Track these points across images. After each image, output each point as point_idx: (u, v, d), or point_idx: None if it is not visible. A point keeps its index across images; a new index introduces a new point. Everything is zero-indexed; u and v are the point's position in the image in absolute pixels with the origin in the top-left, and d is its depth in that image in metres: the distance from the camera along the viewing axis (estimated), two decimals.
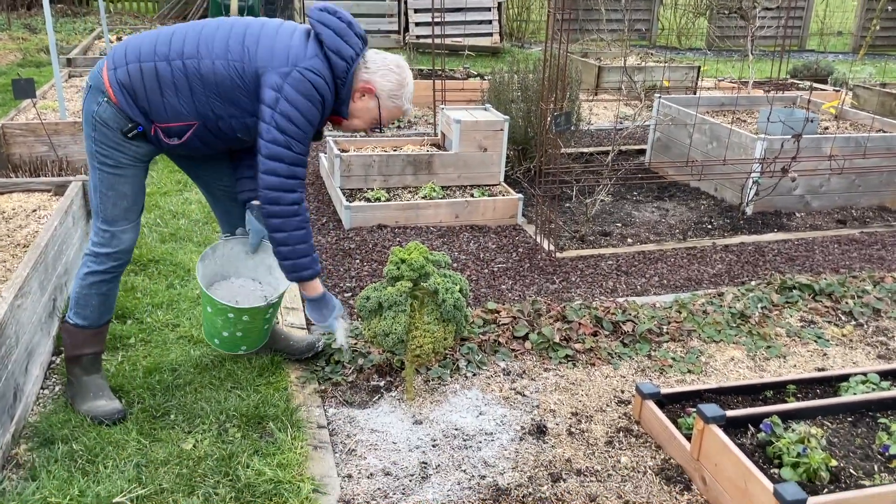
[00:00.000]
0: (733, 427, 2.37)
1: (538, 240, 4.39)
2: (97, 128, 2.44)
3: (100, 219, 2.53)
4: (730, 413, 2.34)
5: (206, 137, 2.52)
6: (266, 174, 2.42)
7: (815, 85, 8.83)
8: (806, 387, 2.81)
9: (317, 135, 2.58)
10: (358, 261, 4.07)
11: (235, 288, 2.91)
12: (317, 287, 2.67)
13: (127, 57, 2.42)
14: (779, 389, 2.78)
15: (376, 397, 2.82)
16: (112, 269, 2.58)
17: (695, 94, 8.28)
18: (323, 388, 2.88)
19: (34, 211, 3.55)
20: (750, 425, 2.39)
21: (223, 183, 2.80)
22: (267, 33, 2.44)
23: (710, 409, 2.29)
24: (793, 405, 2.49)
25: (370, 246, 4.26)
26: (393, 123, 2.66)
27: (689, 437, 2.44)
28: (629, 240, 4.62)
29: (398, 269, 2.58)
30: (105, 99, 2.42)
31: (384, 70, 2.52)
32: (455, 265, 4.06)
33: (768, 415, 2.37)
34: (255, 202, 2.72)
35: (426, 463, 2.46)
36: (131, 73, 2.40)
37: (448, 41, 10.18)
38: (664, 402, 2.66)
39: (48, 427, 2.52)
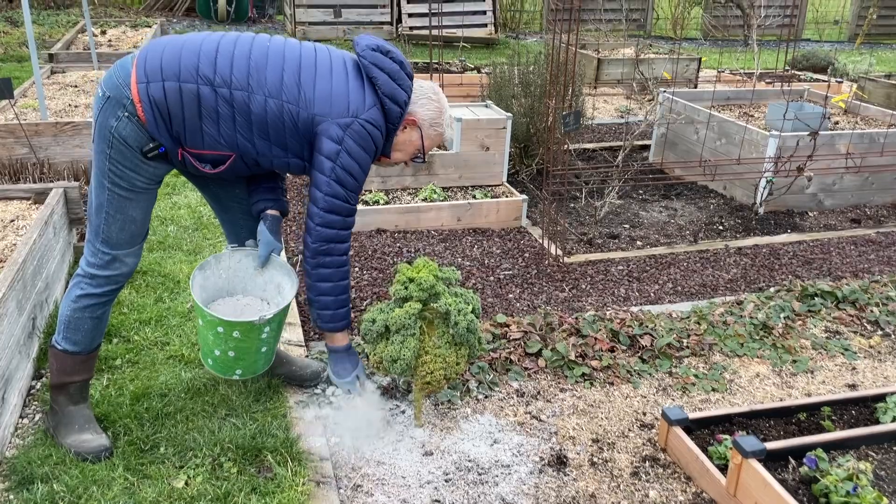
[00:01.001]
0: (772, 460, 2.19)
1: (544, 243, 4.20)
2: (114, 145, 2.18)
3: (100, 240, 2.30)
4: (769, 445, 2.16)
5: (238, 168, 2.33)
6: (322, 226, 2.32)
7: (816, 76, 8.66)
8: (840, 408, 2.64)
9: None
10: (357, 269, 3.86)
11: (240, 306, 2.63)
12: (345, 338, 2.52)
13: (164, 72, 2.15)
14: (812, 412, 2.60)
15: (383, 424, 2.63)
16: (109, 292, 2.37)
17: (696, 87, 8.10)
18: (324, 413, 2.68)
19: (12, 221, 3.33)
20: (790, 458, 2.21)
21: (235, 193, 2.57)
22: (322, 72, 2.27)
23: (749, 441, 2.11)
24: (834, 435, 2.31)
25: (369, 252, 4.06)
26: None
27: (722, 469, 2.26)
28: (638, 242, 4.43)
29: (406, 288, 2.38)
30: (127, 114, 2.15)
31: (423, 99, 2.42)
32: (459, 272, 3.87)
33: (810, 446, 2.19)
34: (271, 212, 2.51)
35: (439, 501, 2.27)
36: (168, 91, 2.14)
37: (443, 32, 9.94)
38: (692, 427, 2.48)
39: (27, 464, 2.31)
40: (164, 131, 2.19)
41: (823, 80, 8.31)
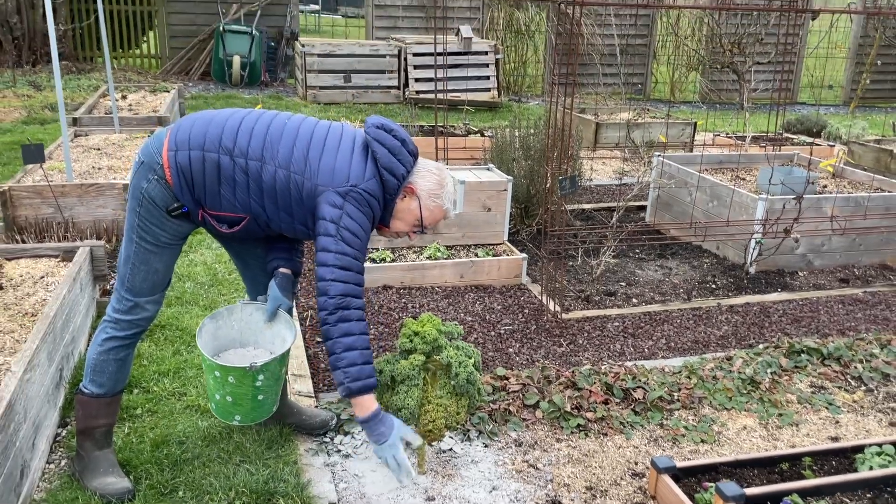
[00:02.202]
0: None
1: (543, 300, 4.39)
2: (143, 204, 2.45)
3: (125, 288, 2.54)
4: (748, 491, 2.32)
5: (252, 229, 2.56)
6: (337, 281, 2.43)
7: (810, 139, 8.96)
8: (821, 458, 2.78)
9: None
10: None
11: (250, 357, 2.80)
12: (373, 401, 2.50)
13: (191, 142, 2.43)
14: (794, 462, 2.75)
15: (387, 470, 2.78)
16: (132, 335, 2.59)
17: (691, 150, 8.40)
18: (332, 460, 2.84)
19: (42, 278, 3.54)
20: (769, 503, 2.36)
21: (256, 252, 2.79)
22: (329, 148, 2.49)
23: (729, 487, 2.27)
24: (811, 482, 2.46)
25: (376, 308, 4.25)
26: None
27: None
28: (634, 300, 4.62)
29: (411, 341, 2.57)
30: (157, 177, 2.42)
31: (423, 172, 2.61)
32: (462, 327, 4.05)
33: (787, 492, 2.34)
34: (283, 270, 2.72)
35: None
36: (193, 159, 2.41)
37: (448, 96, 10.34)
38: (680, 475, 2.63)
39: None
40: (187, 193, 2.44)
41: (816, 144, 8.62)
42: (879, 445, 2.79)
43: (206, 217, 2.50)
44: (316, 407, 3.15)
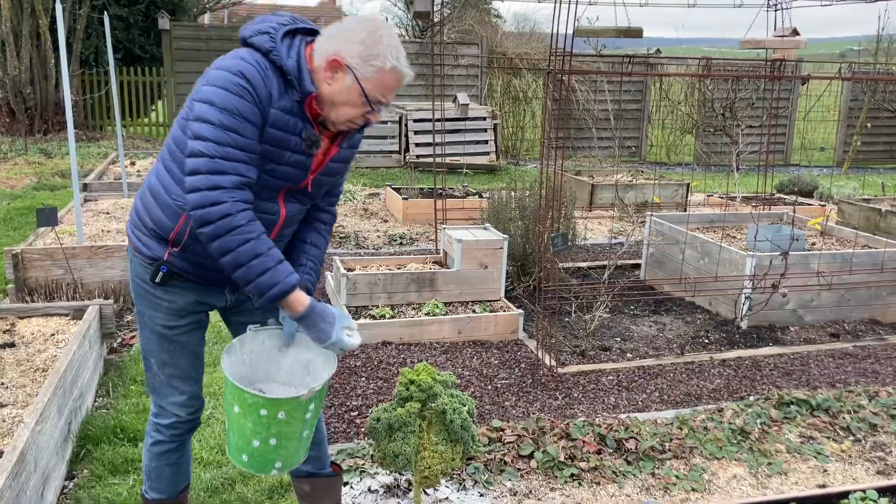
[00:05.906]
0: None
1: (539, 355, 4.49)
2: (134, 287, 2.32)
3: (151, 390, 2.40)
4: None
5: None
6: (189, 192, 2.02)
7: (801, 199, 9.19)
8: None
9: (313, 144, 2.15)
10: (364, 378, 4.15)
11: (278, 391, 2.35)
12: (301, 300, 2.13)
13: (133, 203, 2.34)
14: None
15: None
16: (177, 436, 2.41)
17: (685, 210, 8.61)
18: None
19: (52, 335, 3.68)
20: None
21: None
22: None
23: None
24: None
25: (375, 363, 4.36)
26: None
27: None
28: (628, 354, 4.72)
29: (407, 390, 2.67)
30: (133, 256, 2.30)
31: (344, 32, 2.06)
32: (459, 381, 4.14)
33: None
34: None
35: None
36: (135, 208, 2.30)
37: (447, 160, 10.63)
38: None
39: None
40: (145, 239, 2.23)
41: (808, 204, 8.83)
42: (864, 491, 2.86)
43: (172, 256, 2.21)
44: None
